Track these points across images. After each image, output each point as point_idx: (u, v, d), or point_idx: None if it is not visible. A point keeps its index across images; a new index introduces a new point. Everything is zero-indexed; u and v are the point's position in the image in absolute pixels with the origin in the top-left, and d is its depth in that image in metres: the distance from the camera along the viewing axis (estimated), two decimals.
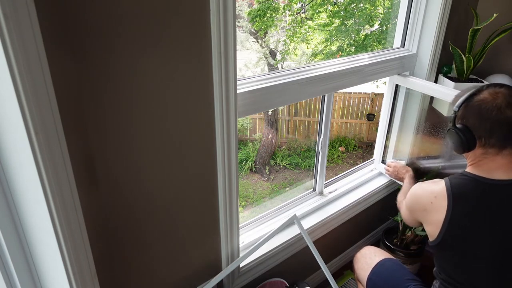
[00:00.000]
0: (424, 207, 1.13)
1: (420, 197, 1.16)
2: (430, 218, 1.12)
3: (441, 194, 1.07)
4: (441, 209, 1.07)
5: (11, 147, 0.72)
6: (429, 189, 1.13)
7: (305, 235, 1.32)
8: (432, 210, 1.10)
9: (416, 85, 1.77)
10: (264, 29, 5.40)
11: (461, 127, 1.06)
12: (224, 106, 1.07)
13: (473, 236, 1.05)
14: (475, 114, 1.03)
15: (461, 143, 1.07)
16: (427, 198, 1.12)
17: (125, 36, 0.83)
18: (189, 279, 1.27)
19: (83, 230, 0.86)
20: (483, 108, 1.01)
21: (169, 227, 1.13)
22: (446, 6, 1.69)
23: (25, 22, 0.63)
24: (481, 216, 1.03)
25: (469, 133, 1.05)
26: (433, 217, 1.10)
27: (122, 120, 0.90)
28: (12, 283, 0.86)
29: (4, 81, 0.64)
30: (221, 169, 1.16)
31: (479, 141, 1.04)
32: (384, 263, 1.39)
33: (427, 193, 1.13)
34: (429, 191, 1.13)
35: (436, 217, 1.08)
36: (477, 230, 1.04)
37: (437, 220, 1.08)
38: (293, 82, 1.34)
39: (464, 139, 1.05)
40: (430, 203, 1.11)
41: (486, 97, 1.02)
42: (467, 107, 1.05)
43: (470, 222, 1.04)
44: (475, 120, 1.03)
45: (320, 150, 1.77)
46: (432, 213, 1.10)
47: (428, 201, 1.12)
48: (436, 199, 1.09)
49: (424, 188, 1.16)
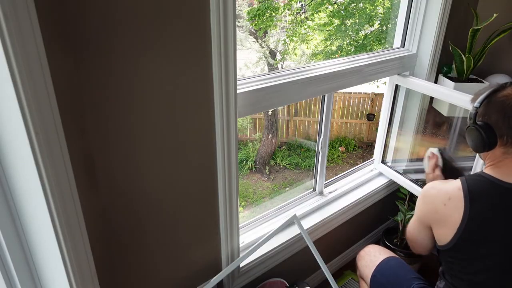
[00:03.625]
0: (435, 209, 1.07)
1: (433, 198, 1.09)
2: (442, 221, 1.06)
3: (456, 196, 1.02)
4: (456, 212, 1.01)
5: (11, 147, 0.72)
6: (443, 190, 1.06)
7: (305, 235, 1.32)
8: (445, 213, 1.04)
9: (416, 86, 1.77)
10: (264, 29, 5.40)
11: (482, 124, 1.01)
12: (224, 106, 1.07)
13: (487, 241, 1.01)
14: (498, 110, 0.98)
15: (481, 141, 1.01)
16: (441, 200, 1.06)
17: (125, 36, 0.83)
18: (189, 279, 1.27)
19: (83, 230, 0.86)
20: (507, 104, 0.97)
21: (169, 227, 1.13)
22: (446, 6, 1.69)
23: (25, 22, 0.63)
24: (496, 220, 0.99)
25: (491, 131, 0.99)
26: (446, 220, 1.04)
27: (122, 120, 0.90)
28: (12, 283, 0.86)
29: (4, 81, 0.64)
30: (221, 169, 1.16)
31: (501, 139, 0.99)
32: (389, 261, 1.39)
33: (441, 194, 1.06)
34: (443, 192, 1.06)
35: (450, 220, 1.03)
36: (491, 234, 1.00)
37: (450, 223, 1.03)
38: (293, 82, 1.34)
39: (485, 137, 1.00)
40: (443, 205, 1.05)
41: (510, 93, 0.98)
42: (489, 104, 1.00)
43: (485, 226, 1.00)
44: (498, 117, 0.98)
45: (320, 150, 1.77)
46: (444, 216, 1.04)
47: (441, 203, 1.05)
48: (450, 201, 1.03)
49: (437, 188, 1.09)
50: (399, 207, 2.00)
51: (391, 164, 2.07)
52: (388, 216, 2.15)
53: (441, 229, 1.08)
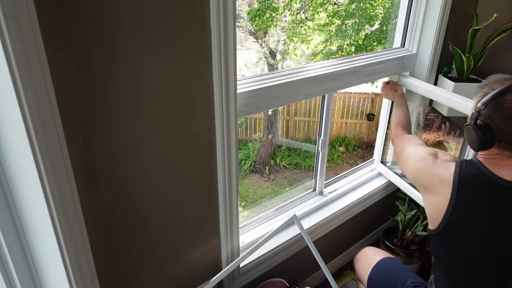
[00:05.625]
0: (426, 186, 1.09)
1: (424, 173, 1.11)
2: (430, 197, 1.08)
3: (446, 181, 1.03)
4: (444, 197, 1.03)
5: (11, 147, 0.72)
6: (439, 169, 1.07)
7: (305, 235, 1.32)
8: (435, 192, 1.06)
9: (415, 87, 1.76)
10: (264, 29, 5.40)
11: (483, 126, 1.00)
12: (224, 106, 1.07)
13: (474, 232, 1.02)
14: (505, 117, 0.96)
15: (479, 142, 1.01)
16: (431, 180, 1.07)
17: (125, 36, 0.83)
18: (189, 279, 1.27)
19: (83, 230, 0.86)
20: None
21: (169, 227, 1.13)
22: (446, 6, 1.69)
23: (25, 22, 0.63)
24: (483, 213, 1.00)
25: (490, 134, 0.99)
26: (435, 199, 1.06)
27: (122, 120, 0.90)
28: (12, 283, 0.86)
29: (4, 81, 0.64)
30: (221, 169, 1.16)
31: (498, 143, 0.99)
32: (385, 262, 1.40)
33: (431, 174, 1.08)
34: (437, 171, 1.07)
35: (438, 203, 1.04)
36: (478, 227, 1.01)
37: (439, 206, 1.04)
38: (293, 82, 1.33)
39: (483, 140, 1.00)
40: (433, 186, 1.06)
41: None
42: (496, 107, 0.98)
43: (471, 217, 1.01)
44: (501, 122, 0.97)
45: (320, 150, 1.77)
46: (434, 195, 1.06)
47: (431, 184, 1.07)
48: (441, 183, 1.04)
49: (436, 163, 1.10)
50: (399, 207, 2.00)
51: (390, 165, 2.07)
52: (388, 216, 2.15)
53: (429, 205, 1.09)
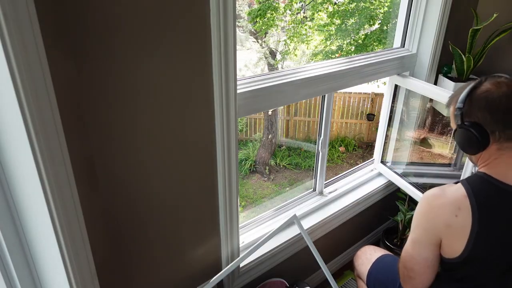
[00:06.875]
0: (447, 223, 0.95)
1: (441, 210, 0.96)
2: (455, 233, 0.95)
3: (465, 205, 0.93)
4: (467, 222, 0.92)
5: (11, 147, 0.72)
6: (451, 199, 0.95)
7: (305, 235, 1.32)
8: (458, 225, 0.93)
9: (415, 87, 1.76)
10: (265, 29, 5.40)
11: (470, 124, 0.96)
12: (224, 106, 1.07)
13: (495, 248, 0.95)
14: (483, 107, 0.94)
15: (475, 141, 0.96)
16: (450, 211, 0.94)
17: (125, 36, 0.83)
18: (189, 279, 1.27)
19: (83, 230, 0.86)
20: (490, 99, 0.94)
21: (169, 227, 1.13)
22: (446, 6, 1.69)
23: (25, 22, 0.63)
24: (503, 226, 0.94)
25: (481, 129, 0.95)
26: (459, 232, 0.94)
27: (122, 120, 0.90)
28: (12, 283, 0.86)
29: (4, 81, 0.64)
30: (221, 169, 1.16)
31: (493, 136, 0.95)
32: (384, 258, 1.40)
33: (449, 204, 0.95)
34: (451, 200, 0.95)
35: (461, 232, 0.94)
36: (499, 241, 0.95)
37: (462, 235, 0.94)
38: (293, 82, 1.34)
39: (478, 136, 0.95)
40: (455, 217, 0.93)
41: (489, 88, 0.95)
42: (472, 102, 0.97)
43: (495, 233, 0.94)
44: (484, 113, 0.94)
45: (320, 150, 1.77)
46: (457, 228, 0.94)
47: (452, 214, 0.94)
48: (461, 210, 0.93)
49: (442, 198, 0.97)
50: (399, 207, 2.00)
51: (390, 165, 2.07)
52: (388, 216, 2.15)
53: (454, 242, 0.96)
